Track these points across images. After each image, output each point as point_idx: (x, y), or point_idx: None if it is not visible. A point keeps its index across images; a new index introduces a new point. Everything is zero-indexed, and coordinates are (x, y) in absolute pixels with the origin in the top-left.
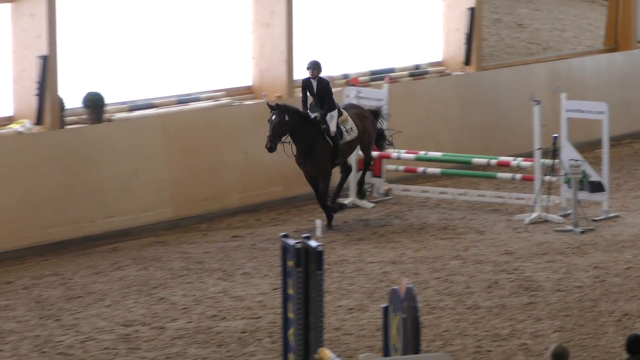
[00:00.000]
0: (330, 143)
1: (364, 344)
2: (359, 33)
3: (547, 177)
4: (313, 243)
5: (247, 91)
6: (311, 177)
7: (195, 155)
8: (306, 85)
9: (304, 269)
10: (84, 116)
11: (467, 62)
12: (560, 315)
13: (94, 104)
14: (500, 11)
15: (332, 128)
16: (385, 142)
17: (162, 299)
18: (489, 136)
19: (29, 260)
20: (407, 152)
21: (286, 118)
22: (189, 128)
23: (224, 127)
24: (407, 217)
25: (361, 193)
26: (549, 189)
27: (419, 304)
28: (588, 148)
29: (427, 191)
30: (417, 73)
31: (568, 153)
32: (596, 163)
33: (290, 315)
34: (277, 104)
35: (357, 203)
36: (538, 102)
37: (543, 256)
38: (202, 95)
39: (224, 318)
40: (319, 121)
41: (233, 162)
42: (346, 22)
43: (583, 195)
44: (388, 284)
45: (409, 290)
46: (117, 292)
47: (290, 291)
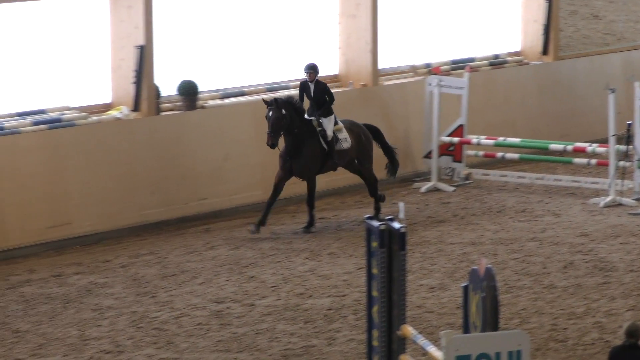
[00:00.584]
0: (322, 146)
1: (445, 322)
2: (441, 24)
3: (621, 163)
4: (396, 225)
5: (334, 80)
6: (286, 174)
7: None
8: (303, 87)
9: (388, 249)
10: (178, 103)
11: (545, 52)
12: (634, 294)
13: (188, 91)
14: (576, 3)
15: (330, 132)
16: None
17: (252, 277)
18: (566, 123)
19: (127, 240)
20: (487, 138)
21: (283, 112)
22: None
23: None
24: (487, 201)
25: (376, 209)
26: (623, 173)
27: (498, 284)
28: None
29: (505, 175)
30: (497, 62)
31: None
32: None
33: (375, 293)
34: (274, 99)
35: (438, 186)
36: (613, 91)
37: (617, 238)
38: (290, 84)
39: (311, 296)
40: (315, 123)
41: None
42: (429, 13)
43: None
44: (468, 264)
45: (488, 270)
46: (209, 271)
47: (375, 270)
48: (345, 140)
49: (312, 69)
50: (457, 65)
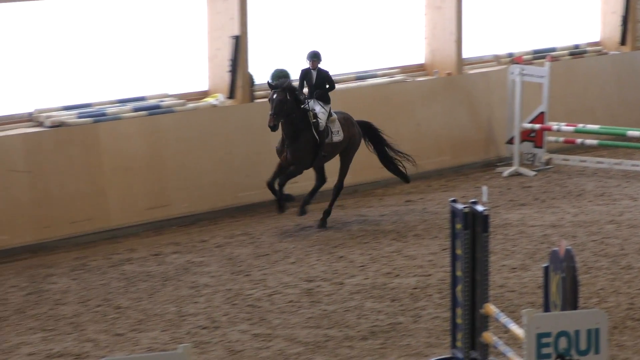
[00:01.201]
0: (315, 137)
1: (526, 300)
2: (524, 15)
3: None
4: (479, 207)
5: (420, 68)
6: (285, 164)
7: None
8: (305, 75)
9: (471, 231)
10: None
11: (623, 42)
12: None
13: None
14: None
15: (322, 123)
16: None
17: (341, 257)
18: None
19: (222, 221)
20: (567, 125)
21: (287, 97)
22: (367, 102)
23: (398, 101)
24: (566, 185)
25: (324, 219)
26: None
27: (577, 264)
28: None
29: (584, 161)
30: (576, 52)
31: None
32: None
33: (459, 273)
34: (279, 82)
35: (520, 171)
36: None
37: None
38: (378, 72)
39: (397, 275)
40: (311, 114)
41: (406, 133)
42: (512, 4)
43: None
44: (548, 246)
45: (567, 252)
46: (300, 251)
47: (459, 251)
48: (337, 133)
49: (315, 56)
50: (539, 55)
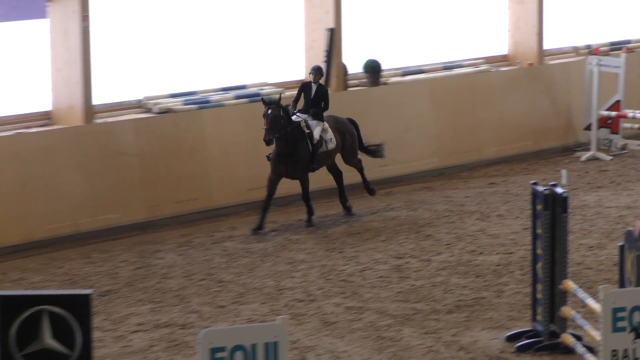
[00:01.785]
0: (309, 147)
1: (602, 277)
2: (601, 8)
3: None
4: (559, 190)
5: (503, 59)
6: (277, 177)
7: (458, 114)
8: (305, 88)
9: (551, 212)
10: (364, 80)
11: None
12: None
13: (373, 69)
14: None
15: (316, 135)
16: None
17: (428, 235)
18: None
19: (317, 201)
20: None
21: (281, 113)
22: (453, 91)
23: (483, 90)
24: None
25: (346, 207)
26: None
27: None
28: None
29: None
30: None
31: None
32: None
33: (539, 251)
34: (272, 100)
35: (597, 156)
36: None
37: None
38: (464, 62)
39: (481, 253)
40: (303, 124)
41: (489, 120)
42: None
43: None
44: (624, 226)
45: None
46: (390, 230)
47: (539, 231)
48: (330, 141)
49: (318, 71)
50: (615, 47)
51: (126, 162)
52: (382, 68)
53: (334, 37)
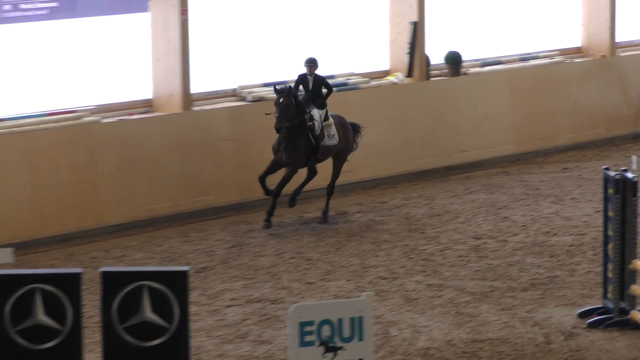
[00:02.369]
0: (311, 140)
1: None
2: None
3: None
4: (629, 175)
5: (577, 51)
6: (277, 164)
7: (534, 103)
8: (301, 80)
9: (622, 195)
10: (445, 70)
11: None
12: None
13: (454, 60)
14: None
15: (318, 127)
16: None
17: (505, 217)
18: None
19: (400, 185)
20: None
21: (293, 102)
22: (529, 81)
23: (557, 80)
24: None
25: (292, 201)
26: None
27: None
28: None
29: None
30: None
31: None
32: None
33: (610, 232)
34: (284, 89)
35: None
36: None
37: None
38: (540, 54)
39: (555, 234)
40: (307, 117)
41: (564, 109)
42: None
43: None
44: None
45: None
46: (469, 212)
47: (610, 213)
48: (332, 137)
49: (312, 62)
50: None
51: (221, 147)
52: (463, 59)
53: (417, 30)
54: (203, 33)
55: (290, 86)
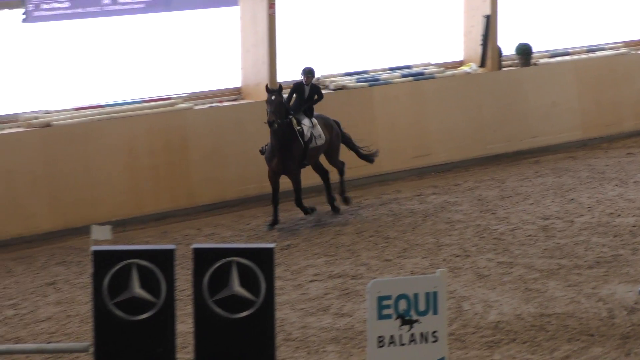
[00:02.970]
0: (301, 144)
1: None
2: None
3: None
4: None
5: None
6: (275, 173)
7: (600, 91)
8: (297, 88)
9: None
10: (516, 61)
11: None
12: None
13: (524, 51)
14: None
15: (307, 131)
16: (362, 151)
17: (572, 199)
18: None
19: (473, 168)
20: None
21: (283, 101)
22: (595, 70)
23: (622, 70)
24: None
25: (334, 206)
26: None
27: None
28: None
29: None
30: None
31: None
32: None
33: None
34: (274, 88)
35: None
36: None
37: None
38: (605, 46)
39: (619, 215)
40: (294, 122)
41: (629, 97)
42: None
43: None
44: None
45: None
46: (538, 194)
47: None
48: (320, 137)
49: (310, 73)
50: None
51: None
52: (533, 50)
53: (489, 23)
54: (288, 25)
55: (281, 85)
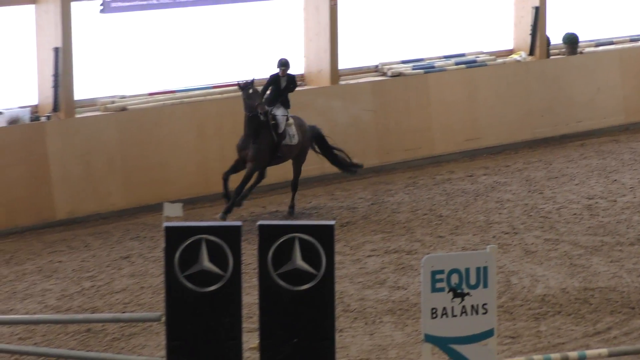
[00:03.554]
0: (274, 137)
1: None
2: None
3: None
4: None
5: None
6: (241, 161)
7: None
8: (274, 80)
9: None
10: (563, 50)
11: None
12: None
13: (571, 41)
14: None
15: (282, 125)
16: (345, 164)
17: (615, 180)
18: None
19: (522, 151)
20: None
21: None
22: (638, 59)
23: None
24: None
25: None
26: None
27: None
28: None
29: None
30: None
31: None
32: None
33: None
34: (247, 82)
35: None
36: None
37: None
38: None
39: None
40: (270, 115)
41: None
42: None
43: None
44: None
45: None
46: (583, 175)
47: None
48: (293, 137)
49: (284, 65)
50: None
51: (364, 116)
52: (579, 40)
53: (538, 14)
54: (349, 15)
55: (252, 80)
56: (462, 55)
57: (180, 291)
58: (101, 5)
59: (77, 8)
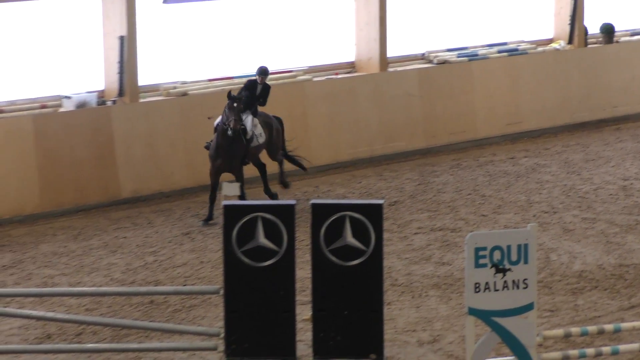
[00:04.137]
0: (244, 144)
1: None
2: None
3: None
4: None
5: None
6: (218, 171)
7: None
8: (251, 86)
9: None
10: (600, 39)
11: None
12: None
13: (607, 30)
14: None
15: (250, 130)
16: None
17: None
18: None
19: (561, 134)
20: None
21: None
22: None
23: None
24: None
25: (272, 194)
26: None
27: None
28: None
29: None
30: None
31: None
32: None
33: None
34: (238, 96)
35: None
36: None
37: None
38: None
39: None
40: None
41: None
42: None
43: None
44: None
45: None
46: (618, 157)
47: None
48: (260, 136)
49: (263, 73)
50: None
51: (411, 101)
52: (615, 30)
53: (577, 4)
54: (398, 5)
55: (242, 95)
56: (504, 44)
57: (237, 266)
58: None
59: None
